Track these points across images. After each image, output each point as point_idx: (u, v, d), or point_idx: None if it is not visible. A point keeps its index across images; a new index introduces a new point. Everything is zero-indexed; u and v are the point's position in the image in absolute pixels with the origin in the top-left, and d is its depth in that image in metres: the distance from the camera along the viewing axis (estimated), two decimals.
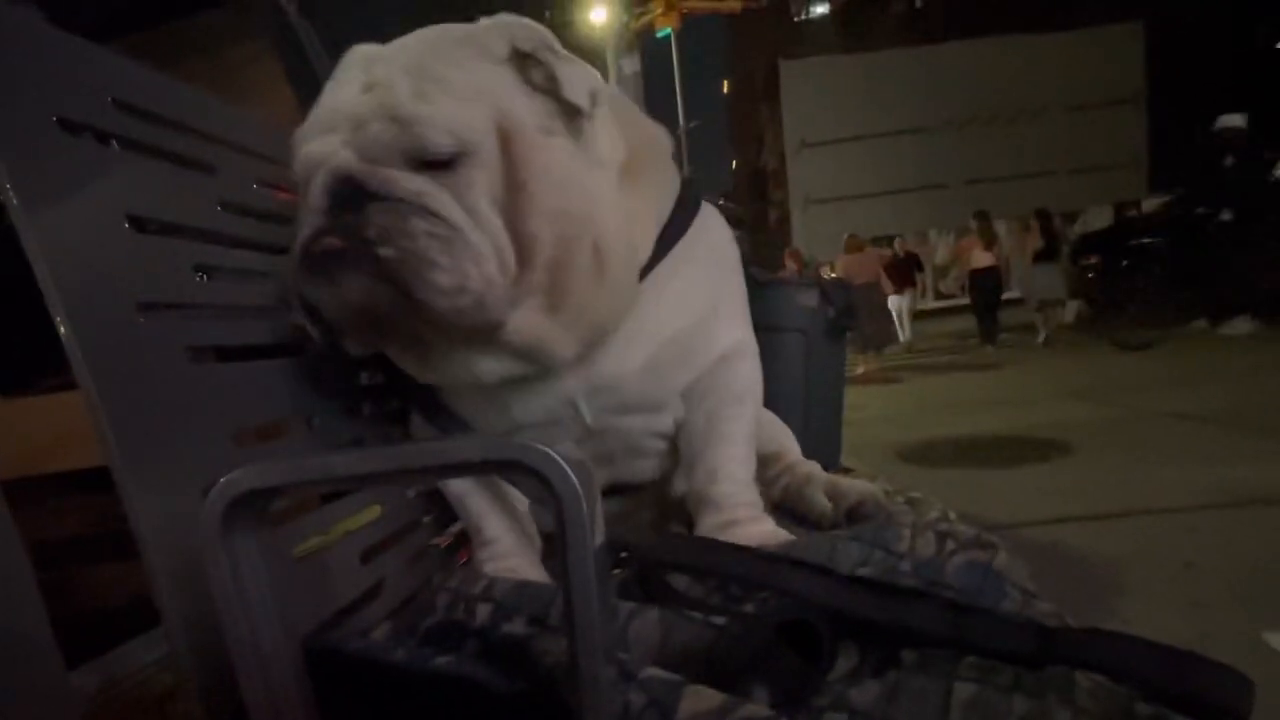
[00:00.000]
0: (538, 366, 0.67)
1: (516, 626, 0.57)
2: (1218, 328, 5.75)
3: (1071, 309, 8.01)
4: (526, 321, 0.63)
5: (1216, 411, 3.24)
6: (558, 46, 0.63)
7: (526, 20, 0.64)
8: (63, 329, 0.46)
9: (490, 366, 0.66)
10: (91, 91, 0.54)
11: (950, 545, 0.67)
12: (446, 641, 0.55)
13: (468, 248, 0.58)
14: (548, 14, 10.61)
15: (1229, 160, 5.59)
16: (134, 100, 0.57)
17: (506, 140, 0.60)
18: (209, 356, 0.60)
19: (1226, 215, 5.52)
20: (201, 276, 0.61)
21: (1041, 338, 7.25)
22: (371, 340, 0.65)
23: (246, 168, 0.70)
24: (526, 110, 0.62)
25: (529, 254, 0.61)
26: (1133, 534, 1.98)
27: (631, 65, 9.29)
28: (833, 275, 7.27)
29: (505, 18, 0.64)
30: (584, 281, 0.63)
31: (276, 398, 0.65)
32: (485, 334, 0.63)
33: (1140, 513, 2.12)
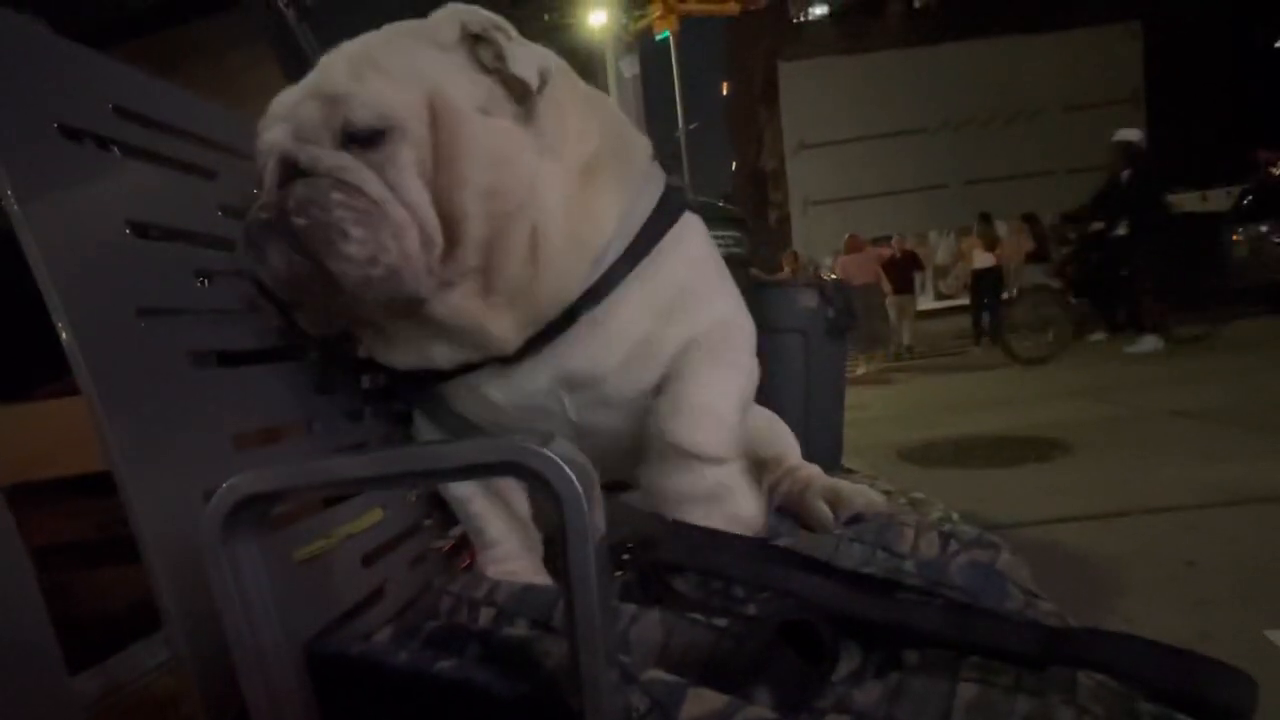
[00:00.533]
0: (483, 351, 0.67)
1: (519, 629, 0.57)
2: (1126, 346, 5.70)
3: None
4: (464, 303, 0.64)
5: (1217, 410, 3.24)
6: (511, 30, 0.64)
7: (476, 7, 0.65)
8: (64, 334, 0.46)
9: (442, 351, 0.68)
10: (92, 98, 0.54)
11: (953, 546, 0.67)
12: (449, 645, 0.55)
13: (386, 221, 0.58)
14: (547, 16, 10.61)
15: (1125, 174, 5.55)
16: (134, 106, 0.57)
17: (438, 118, 0.60)
18: (210, 361, 0.60)
19: (1122, 229, 5.51)
20: (202, 281, 0.61)
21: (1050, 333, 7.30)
22: (317, 318, 0.64)
23: (246, 172, 0.70)
24: (467, 91, 0.62)
25: (458, 231, 0.61)
26: (1134, 533, 1.97)
27: (630, 68, 9.28)
28: (831, 276, 7.29)
29: (455, 5, 0.65)
30: (517, 264, 0.63)
31: (278, 402, 0.65)
32: (408, 310, 0.63)
33: (1141, 511, 2.12)
